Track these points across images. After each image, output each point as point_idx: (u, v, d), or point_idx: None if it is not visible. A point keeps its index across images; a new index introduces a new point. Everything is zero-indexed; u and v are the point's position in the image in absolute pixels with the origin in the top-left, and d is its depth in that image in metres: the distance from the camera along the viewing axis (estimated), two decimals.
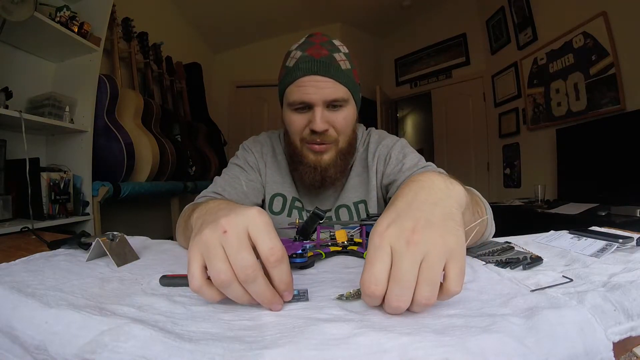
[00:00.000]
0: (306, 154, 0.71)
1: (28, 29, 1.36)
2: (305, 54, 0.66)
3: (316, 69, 0.64)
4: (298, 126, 0.69)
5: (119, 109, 1.85)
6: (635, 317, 0.26)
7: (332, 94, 0.65)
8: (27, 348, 0.26)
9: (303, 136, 0.69)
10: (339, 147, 0.71)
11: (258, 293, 0.29)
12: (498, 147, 3.17)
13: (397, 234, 0.28)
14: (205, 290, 0.30)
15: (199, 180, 2.52)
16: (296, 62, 0.67)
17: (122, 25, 2.16)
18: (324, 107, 0.66)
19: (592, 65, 2.14)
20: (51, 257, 0.49)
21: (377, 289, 0.27)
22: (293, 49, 0.70)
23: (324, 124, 0.66)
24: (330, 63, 0.65)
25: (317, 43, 0.68)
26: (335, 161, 0.71)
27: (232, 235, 0.29)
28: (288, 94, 0.68)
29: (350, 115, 0.70)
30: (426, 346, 0.22)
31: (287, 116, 0.70)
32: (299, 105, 0.67)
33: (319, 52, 0.66)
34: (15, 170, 1.34)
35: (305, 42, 0.69)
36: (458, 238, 0.29)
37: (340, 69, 0.66)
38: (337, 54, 0.68)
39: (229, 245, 0.29)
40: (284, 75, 0.70)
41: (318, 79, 0.64)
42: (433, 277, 0.27)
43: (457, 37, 3.56)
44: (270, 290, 0.30)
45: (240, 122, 3.79)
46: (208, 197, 0.71)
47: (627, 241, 0.47)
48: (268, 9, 3.21)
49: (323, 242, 0.53)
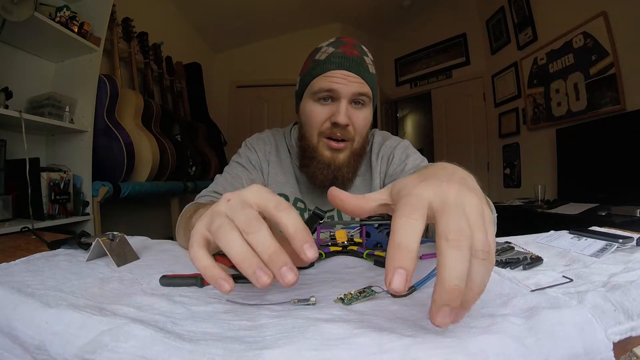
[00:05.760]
0: (322, 151, 0.70)
1: (28, 29, 1.36)
2: (338, 51, 0.68)
3: (348, 65, 0.67)
4: (319, 118, 0.69)
5: (119, 109, 1.84)
6: (635, 317, 0.26)
7: (359, 88, 0.67)
8: (27, 348, 0.26)
9: (322, 129, 0.69)
10: (353, 147, 0.71)
11: (262, 244, 0.25)
12: (498, 147, 3.17)
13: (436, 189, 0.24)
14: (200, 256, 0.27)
15: (199, 180, 2.52)
16: (328, 56, 0.68)
17: (122, 25, 2.16)
18: (349, 102, 0.67)
19: (592, 65, 2.14)
20: (51, 257, 0.49)
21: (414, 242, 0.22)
22: (324, 45, 0.72)
23: (347, 119, 0.67)
24: (361, 63, 0.68)
25: (349, 44, 0.70)
26: (349, 162, 0.71)
27: (235, 201, 0.28)
28: (314, 84, 0.69)
29: (369, 116, 0.71)
30: (426, 347, 0.22)
31: (308, 107, 0.70)
32: (325, 94, 0.68)
33: (351, 51, 0.68)
34: (15, 170, 1.34)
35: (336, 41, 0.71)
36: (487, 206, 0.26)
37: (368, 70, 0.69)
38: (366, 57, 0.70)
39: (231, 207, 0.28)
40: (312, 67, 0.70)
41: (348, 74, 0.66)
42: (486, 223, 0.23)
43: (457, 37, 3.56)
44: (276, 243, 0.26)
45: (240, 122, 3.79)
46: (208, 197, 0.71)
47: (627, 241, 0.47)
48: (268, 9, 3.21)
49: (323, 242, 0.53)
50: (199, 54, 3.29)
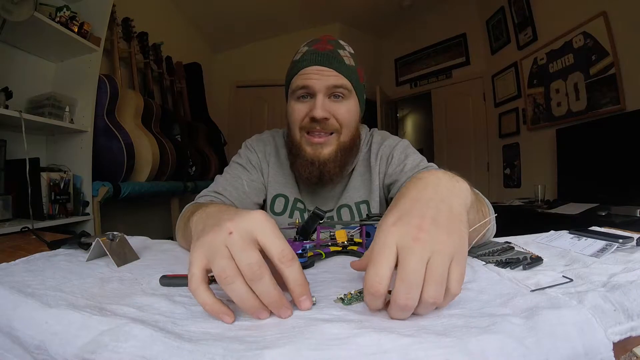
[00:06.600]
0: (304, 147, 0.70)
1: (28, 29, 1.36)
2: (311, 49, 0.70)
3: (320, 60, 0.67)
4: (298, 114, 0.69)
5: (119, 109, 1.84)
6: (635, 317, 0.26)
7: (334, 81, 0.67)
8: (27, 348, 0.26)
9: (303, 125, 0.69)
10: (340, 140, 0.70)
11: (265, 292, 0.27)
12: (498, 147, 3.17)
13: (403, 232, 0.28)
14: (201, 292, 0.28)
15: (199, 180, 2.52)
16: (302, 55, 0.70)
17: (122, 25, 2.16)
18: (326, 95, 0.67)
19: (592, 65, 2.14)
20: (51, 257, 0.49)
21: (381, 287, 0.27)
22: (301, 46, 0.73)
23: (324, 112, 0.67)
24: (334, 57, 0.68)
25: (324, 40, 0.71)
26: (335, 156, 0.70)
27: (237, 236, 0.28)
28: (292, 84, 0.70)
29: (353, 109, 0.71)
30: (426, 347, 0.22)
31: (290, 106, 0.72)
32: (301, 92, 0.68)
33: (324, 46, 0.69)
34: (15, 170, 1.34)
35: (313, 40, 0.73)
36: (462, 239, 0.28)
37: (343, 62, 0.69)
38: (342, 50, 0.70)
39: (234, 244, 0.28)
40: (290, 68, 0.72)
41: (321, 69, 0.67)
42: (441, 276, 0.26)
43: (457, 37, 3.56)
44: (278, 290, 0.28)
45: (240, 122, 3.79)
46: (208, 197, 0.71)
47: (627, 241, 0.47)
48: (268, 9, 3.21)
49: (323, 242, 0.53)
50: (199, 54, 3.29)
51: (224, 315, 0.28)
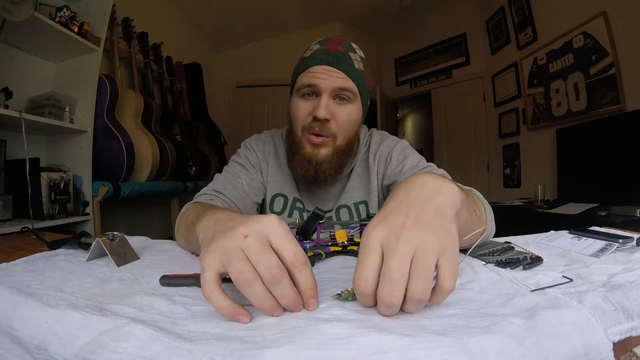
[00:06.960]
0: (304, 145, 0.70)
1: (28, 29, 1.36)
2: (322, 48, 0.69)
3: (330, 60, 0.67)
4: (302, 112, 0.69)
5: (119, 109, 1.84)
6: (635, 317, 0.26)
7: (341, 83, 0.67)
8: (27, 348, 0.26)
9: (305, 124, 0.69)
10: (336, 144, 0.70)
11: (284, 295, 0.28)
12: (498, 147, 3.17)
13: (386, 231, 0.28)
14: (215, 296, 0.28)
15: (199, 180, 2.52)
16: (312, 53, 0.70)
17: (122, 25, 2.16)
18: (331, 96, 0.67)
19: (592, 65, 2.14)
20: (51, 257, 0.49)
21: (366, 286, 0.27)
22: (312, 44, 0.73)
23: (327, 113, 0.66)
24: (344, 59, 0.68)
25: (336, 41, 0.71)
26: (332, 158, 0.70)
27: (253, 240, 0.29)
28: (298, 80, 0.70)
29: (355, 113, 0.71)
30: (426, 347, 0.22)
31: (294, 103, 0.71)
32: (307, 90, 0.68)
33: (335, 47, 0.69)
34: (15, 170, 1.34)
35: (324, 39, 0.72)
36: (450, 235, 0.28)
37: (353, 66, 0.69)
38: (353, 53, 0.70)
39: (250, 248, 0.28)
40: (299, 65, 0.72)
41: (330, 69, 0.67)
42: (424, 272, 0.26)
43: (457, 37, 3.56)
44: (295, 292, 0.29)
45: (240, 122, 3.78)
46: (208, 195, 0.71)
47: (627, 241, 0.47)
48: (268, 9, 3.20)
49: (323, 242, 0.53)
50: (199, 54, 3.29)
51: (241, 316, 0.28)
